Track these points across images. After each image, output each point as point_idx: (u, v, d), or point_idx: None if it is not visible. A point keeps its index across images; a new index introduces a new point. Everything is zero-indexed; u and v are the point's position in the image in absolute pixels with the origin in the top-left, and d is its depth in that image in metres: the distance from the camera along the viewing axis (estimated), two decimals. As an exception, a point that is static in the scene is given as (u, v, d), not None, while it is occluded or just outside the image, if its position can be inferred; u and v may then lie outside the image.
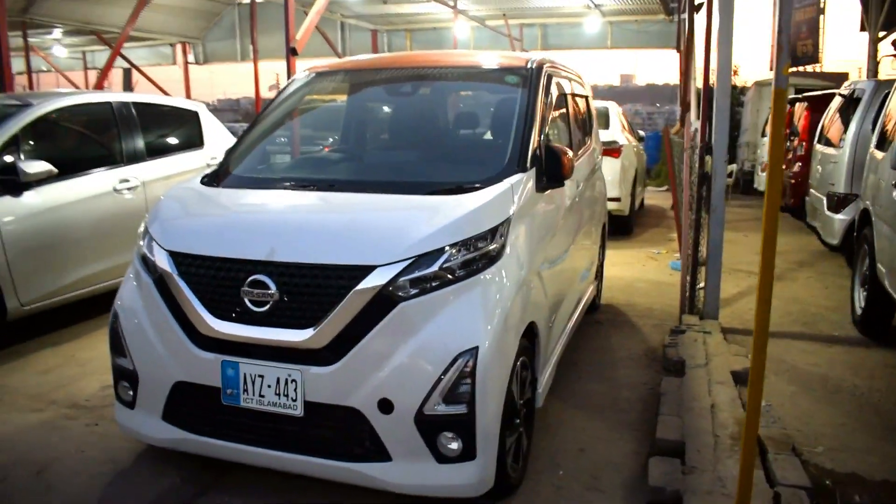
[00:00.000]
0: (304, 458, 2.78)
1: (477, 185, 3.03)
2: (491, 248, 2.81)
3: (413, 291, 2.64)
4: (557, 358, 4.00)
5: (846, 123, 7.55)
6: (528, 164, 3.29)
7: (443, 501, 2.88)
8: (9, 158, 4.94)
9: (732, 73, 17.31)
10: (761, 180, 13.03)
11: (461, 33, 16.83)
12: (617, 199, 8.98)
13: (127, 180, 5.74)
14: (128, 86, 19.67)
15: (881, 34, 14.47)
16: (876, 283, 5.12)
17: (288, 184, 3.35)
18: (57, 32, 16.88)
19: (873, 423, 3.93)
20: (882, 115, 5.92)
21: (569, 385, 4.39)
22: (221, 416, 2.88)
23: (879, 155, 5.56)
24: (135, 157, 5.94)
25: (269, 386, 2.76)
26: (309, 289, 2.71)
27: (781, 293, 6.73)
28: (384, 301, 2.63)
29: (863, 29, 15.10)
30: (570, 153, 3.49)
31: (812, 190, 8.41)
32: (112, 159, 5.79)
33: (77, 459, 3.39)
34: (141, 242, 3.21)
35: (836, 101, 8.36)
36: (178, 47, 19.15)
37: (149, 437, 3.10)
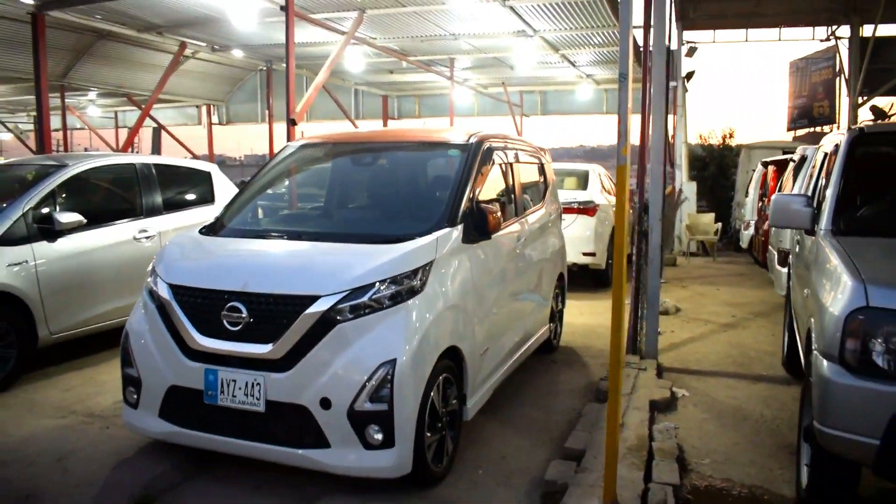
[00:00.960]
0: (264, 446, 3.56)
1: (411, 236, 3.86)
2: (414, 284, 3.63)
3: (349, 315, 3.46)
4: (494, 383, 4.74)
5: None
6: (458, 221, 4.12)
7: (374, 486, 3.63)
8: (46, 210, 5.86)
9: (729, 135, 18.17)
10: (743, 238, 13.73)
11: (465, 99, 17.98)
12: (592, 254, 9.74)
13: (145, 230, 6.65)
14: (157, 144, 20.98)
15: (860, 99, 15.34)
16: (792, 327, 5.83)
17: (266, 234, 4.22)
18: (92, 94, 18.25)
19: (765, 444, 4.59)
20: (804, 177, 6.70)
21: (509, 409, 5.12)
22: (203, 413, 3.67)
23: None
24: (153, 211, 6.86)
25: (239, 388, 3.56)
26: (271, 312, 3.54)
27: (729, 339, 7.44)
28: (326, 322, 3.45)
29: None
30: (498, 213, 4.31)
31: (770, 246, 9.14)
32: (133, 212, 6.71)
33: (90, 452, 4.21)
34: (149, 279, 4.07)
35: (791, 165, 9.16)
36: (204, 109, 20.50)
37: (148, 431, 3.89)
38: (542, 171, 6.44)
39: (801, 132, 21.31)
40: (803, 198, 4.42)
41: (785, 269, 7.89)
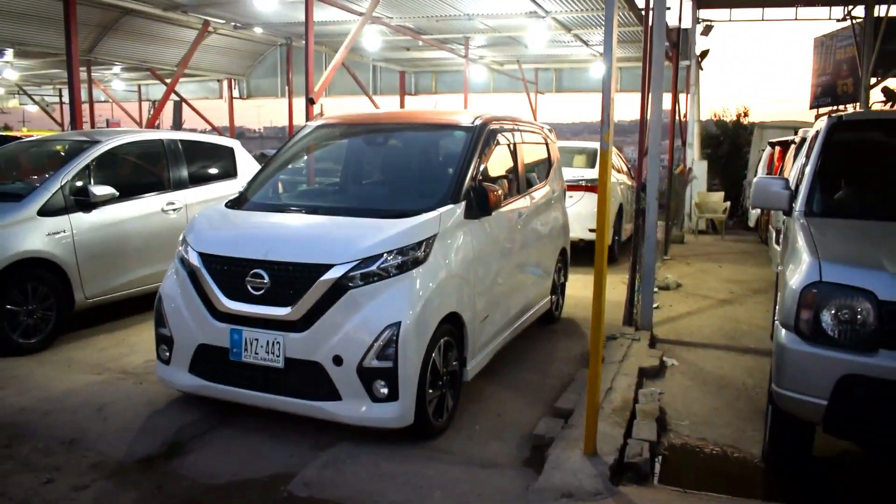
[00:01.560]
0: (283, 399, 4.00)
1: (417, 212, 4.24)
2: (418, 255, 4.02)
3: (360, 282, 3.87)
4: (494, 348, 5.14)
5: (796, 167, 8.61)
6: (461, 198, 4.50)
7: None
8: (81, 183, 6.30)
9: (743, 113, 18.33)
10: (752, 217, 14.00)
11: (481, 76, 18.22)
12: (598, 231, 10.06)
13: (173, 203, 7.09)
14: (178, 117, 21.44)
15: (872, 80, 15.40)
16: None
17: (285, 208, 4.64)
18: (116, 68, 18.69)
19: (742, 409, 4.97)
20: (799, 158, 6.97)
21: (508, 372, 5.53)
22: (229, 369, 4.11)
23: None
24: (180, 185, 7.29)
25: (261, 346, 3.99)
26: (290, 279, 3.95)
27: (725, 314, 7.79)
28: (339, 288, 3.86)
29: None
30: (499, 191, 4.69)
31: (770, 225, 9.44)
32: (161, 186, 7.14)
33: (126, 403, 4.69)
34: (180, 247, 4.50)
35: (793, 147, 9.42)
36: (225, 83, 20.89)
37: (179, 385, 4.35)
38: (547, 149, 6.78)
39: (824, 110, 21.13)
40: (782, 181, 4.74)
41: (779, 248, 8.22)
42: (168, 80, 18.38)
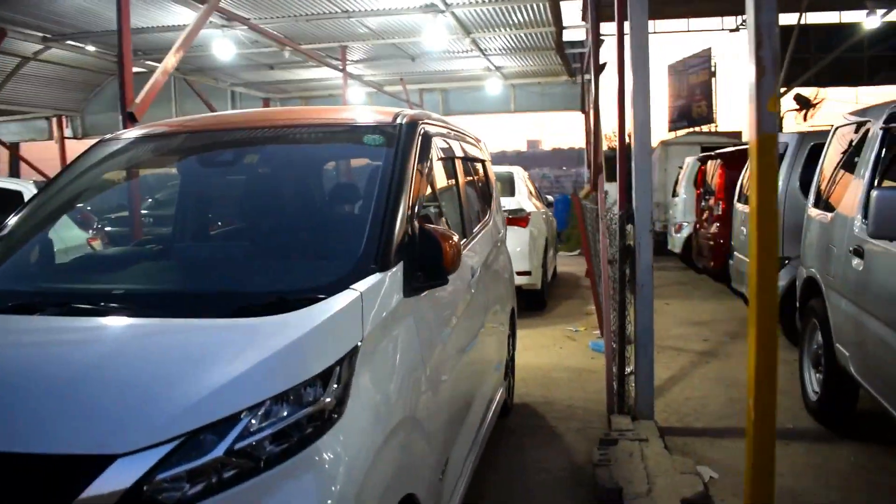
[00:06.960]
0: None
1: (308, 297, 1.99)
2: (325, 402, 1.75)
3: (187, 494, 1.55)
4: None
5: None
6: (393, 258, 2.29)
7: None
8: None
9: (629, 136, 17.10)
10: (675, 241, 12.57)
11: (358, 99, 16.06)
12: (527, 273, 8.12)
13: None
14: (15, 164, 17.66)
15: (782, 89, 14.61)
16: (834, 365, 4.37)
17: (31, 303, 2.19)
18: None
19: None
20: (819, 169, 5.29)
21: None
22: None
23: (816, 213, 4.94)
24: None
25: None
26: (15, 494, 1.59)
27: (719, 374, 5.95)
28: (132, 515, 1.53)
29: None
30: (455, 238, 2.51)
31: (736, 252, 7.78)
32: None
33: None
34: None
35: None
36: (55, 120, 17.58)
37: None
38: (485, 171, 4.73)
39: (681, 132, 21.69)
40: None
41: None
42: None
